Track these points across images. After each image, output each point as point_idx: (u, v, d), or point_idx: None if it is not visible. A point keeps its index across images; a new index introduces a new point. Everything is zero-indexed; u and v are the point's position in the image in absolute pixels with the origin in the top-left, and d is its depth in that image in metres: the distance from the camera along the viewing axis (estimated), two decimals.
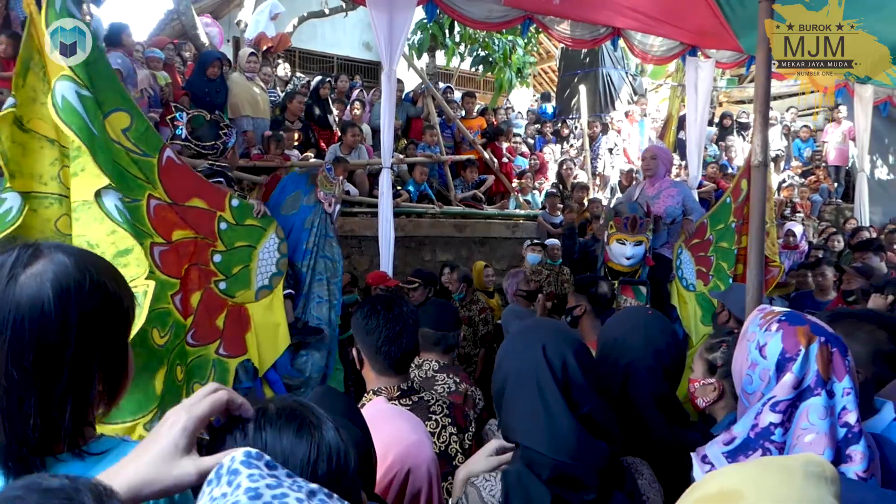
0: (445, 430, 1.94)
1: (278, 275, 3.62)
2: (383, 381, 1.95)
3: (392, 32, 4.96)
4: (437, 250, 7.30)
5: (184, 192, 3.15)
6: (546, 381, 1.37)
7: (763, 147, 2.88)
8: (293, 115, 7.53)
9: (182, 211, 3.15)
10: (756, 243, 2.87)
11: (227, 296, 3.39)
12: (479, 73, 13.24)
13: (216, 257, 3.35)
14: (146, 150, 2.94)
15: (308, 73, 11.68)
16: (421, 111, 8.81)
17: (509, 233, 7.85)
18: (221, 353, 3.30)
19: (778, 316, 1.47)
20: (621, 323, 1.87)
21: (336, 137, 7.89)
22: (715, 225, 4.75)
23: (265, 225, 3.62)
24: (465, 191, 8.25)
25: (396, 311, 1.93)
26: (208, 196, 3.30)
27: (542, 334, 1.45)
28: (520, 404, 1.39)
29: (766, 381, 1.41)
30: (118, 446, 1.02)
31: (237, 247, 3.47)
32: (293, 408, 0.90)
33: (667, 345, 1.76)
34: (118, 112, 2.79)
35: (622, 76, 12.15)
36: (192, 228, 3.20)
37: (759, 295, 2.82)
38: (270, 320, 3.51)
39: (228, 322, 3.36)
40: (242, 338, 3.41)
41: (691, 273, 4.68)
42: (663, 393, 1.73)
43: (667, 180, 5.03)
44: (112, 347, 1.03)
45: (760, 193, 2.91)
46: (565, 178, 9.09)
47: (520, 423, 1.38)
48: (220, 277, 3.35)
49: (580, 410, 1.36)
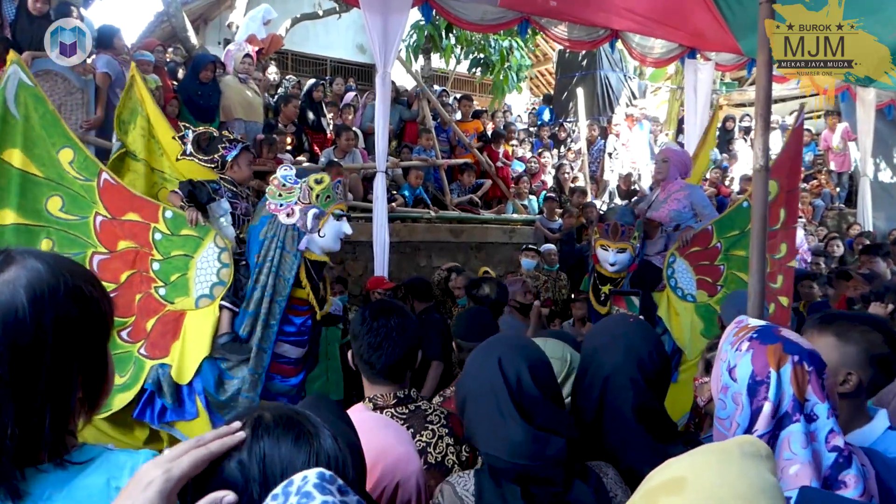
0: (442, 441, 1.93)
1: (220, 285, 3.64)
2: (377, 389, 1.96)
3: (386, 34, 4.97)
4: (433, 256, 7.30)
5: (121, 208, 3.61)
6: (501, 393, 1.47)
7: (764, 151, 2.89)
8: (287, 118, 7.54)
9: (120, 224, 3.60)
10: (758, 250, 2.88)
11: (166, 301, 3.62)
12: (476, 75, 13.27)
13: (154, 265, 3.65)
14: (87, 176, 3.56)
15: (301, 75, 11.69)
16: (416, 114, 8.83)
17: (506, 238, 7.85)
18: (142, 352, 3.53)
19: (750, 332, 1.41)
20: (601, 333, 1.84)
21: (330, 141, 7.90)
22: (725, 232, 4.55)
23: (202, 234, 3.68)
24: (461, 195, 8.25)
25: (381, 322, 1.95)
26: (142, 210, 3.67)
27: (498, 348, 1.55)
28: (479, 414, 1.49)
29: (739, 407, 1.36)
30: (101, 455, 1.01)
31: (174, 256, 3.66)
32: (290, 416, 0.90)
33: (649, 353, 1.72)
34: (64, 149, 3.51)
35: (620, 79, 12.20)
36: (131, 239, 3.62)
37: (761, 303, 2.82)
38: (201, 330, 3.59)
39: (158, 325, 3.59)
40: (168, 343, 3.56)
41: (689, 283, 4.51)
42: (646, 404, 1.68)
43: (676, 183, 4.85)
44: (91, 353, 1.02)
45: (762, 199, 2.91)
46: (563, 182, 9.11)
47: (480, 432, 1.49)
48: (159, 284, 3.64)
49: (535, 421, 1.45)
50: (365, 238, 5.94)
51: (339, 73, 13.86)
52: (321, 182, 3.67)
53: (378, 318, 1.96)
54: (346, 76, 12.78)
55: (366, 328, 1.96)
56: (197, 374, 3.52)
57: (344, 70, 14.72)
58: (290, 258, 3.63)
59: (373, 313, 1.98)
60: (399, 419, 1.92)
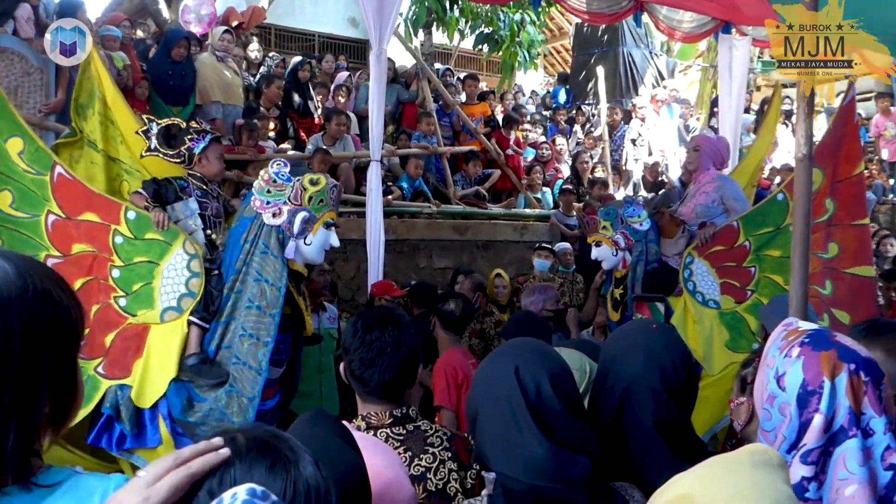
0: (444, 466, 1.93)
1: (189, 296, 3.59)
2: (370, 407, 1.96)
3: (382, 6, 4.97)
4: (434, 256, 7.30)
5: (77, 207, 3.57)
6: (518, 405, 1.46)
7: (808, 138, 2.88)
8: (270, 101, 7.55)
9: (76, 225, 3.56)
10: (801, 247, 2.87)
11: (127, 313, 3.58)
12: (483, 52, 13.26)
13: (114, 272, 3.61)
14: (39, 170, 3.51)
15: (286, 53, 11.70)
16: (415, 96, 8.83)
17: (517, 236, 7.85)
18: (99, 371, 3.48)
19: (801, 337, 1.41)
20: (619, 340, 1.84)
21: (318, 126, 7.90)
22: (755, 228, 4.46)
23: (169, 239, 3.64)
24: (466, 187, 8.26)
25: (376, 334, 1.94)
26: (102, 209, 3.62)
27: (516, 355, 1.54)
28: (493, 429, 1.49)
29: (787, 418, 1.36)
30: (69, 478, 1.01)
31: (137, 262, 3.63)
32: (265, 439, 0.90)
33: (672, 363, 1.71)
34: (13, 138, 3.46)
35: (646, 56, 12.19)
36: (88, 242, 3.57)
37: (804, 309, 2.81)
38: (168, 348, 3.53)
39: (118, 341, 3.53)
40: (129, 362, 3.50)
41: (710, 287, 4.44)
42: (669, 419, 1.68)
43: (708, 174, 4.82)
44: (60, 363, 1.03)
45: (805, 191, 2.90)
46: (581, 172, 9.11)
47: (494, 450, 1.47)
48: (119, 293, 3.60)
49: (555, 436, 1.44)
50: (357, 236, 5.94)
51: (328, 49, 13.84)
52: (316, 184, 3.60)
53: (372, 331, 1.95)
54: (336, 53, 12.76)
55: (358, 341, 1.95)
56: (162, 396, 3.48)
57: (334, 47, 14.72)
58: (277, 265, 3.55)
59: (366, 325, 1.97)
60: (395, 441, 1.92)
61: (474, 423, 1.54)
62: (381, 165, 5.61)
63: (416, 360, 2.01)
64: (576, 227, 7.64)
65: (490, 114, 9.29)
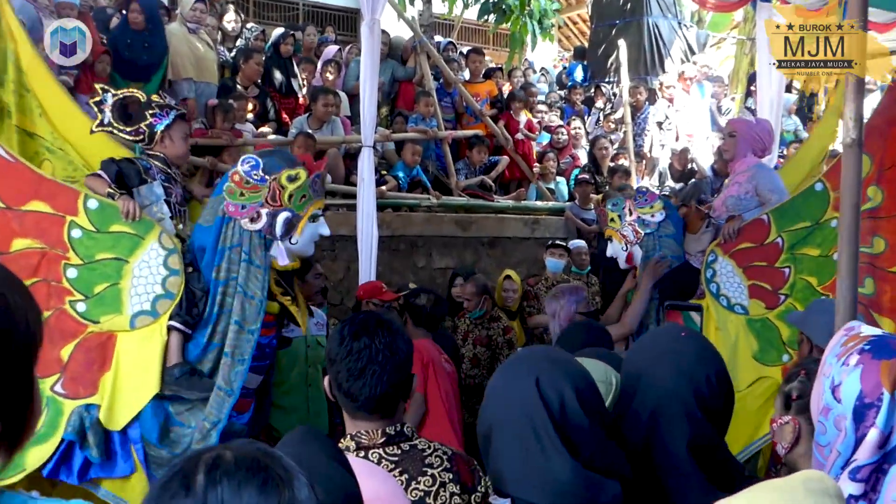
0: (445, 489, 1.93)
1: (166, 298, 3.53)
2: (361, 425, 1.96)
3: None
4: (434, 254, 7.31)
5: (20, 194, 3.37)
6: (542, 421, 1.46)
7: (857, 120, 2.88)
8: (248, 79, 7.55)
9: (19, 217, 3.36)
10: (849, 246, 2.86)
11: (87, 320, 3.46)
12: (490, 24, 13.25)
13: (70, 272, 3.46)
14: None
15: (266, 23, 11.71)
16: (413, 73, 8.83)
17: (528, 231, 7.86)
18: (58, 390, 3.36)
19: (861, 343, 1.43)
20: (644, 351, 1.85)
21: (303, 107, 7.90)
22: (788, 224, 4.37)
23: (142, 232, 3.56)
24: (469, 177, 8.26)
25: (365, 342, 1.94)
26: (53, 197, 3.44)
27: (536, 365, 1.54)
28: (511, 449, 1.48)
29: (842, 433, 1.38)
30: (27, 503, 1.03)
31: (99, 260, 3.52)
32: (256, 457, 0.91)
33: (706, 377, 1.72)
34: None
35: (674, 27, 12.16)
36: (35, 237, 3.40)
37: (853, 314, 2.81)
38: (144, 359, 3.45)
39: (78, 354, 3.42)
40: (95, 376, 3.42)
41: (736, 289, 4.39)
42: (704, 440, 1.69)
43: (744, 161, 4.80)
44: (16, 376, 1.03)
45: (854, 181, 2.89)
46: (600, 160, 9.11)
47: (511, 472, 1.47)
48: (76, 297, 3.46)
49: (582, 455, 1.44)
50: (347, 231, 5.95)
51: (314, 20, 13.86)
52: (295, 180, 3.58)
53: (360, 337, 1.95)
54: (323, 24, 12.78)
55: (345, 350, 1.94)
56: (134, 418, 3.44)
57: (320, 16, 14.73)
58: (259, 274, 3.57)
59: (353, 331, 1.97)
60: (389, 462, 1.92)
61: (487, 441, 1.54)
62: (373, 152, 5.61)
63: (410, 369, 2.01)
64: (593, 221, 7.65)
65: (497, 93, 9.29)
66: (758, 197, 4.69)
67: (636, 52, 11.50)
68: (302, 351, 4.59)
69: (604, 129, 9.99)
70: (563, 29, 18.40)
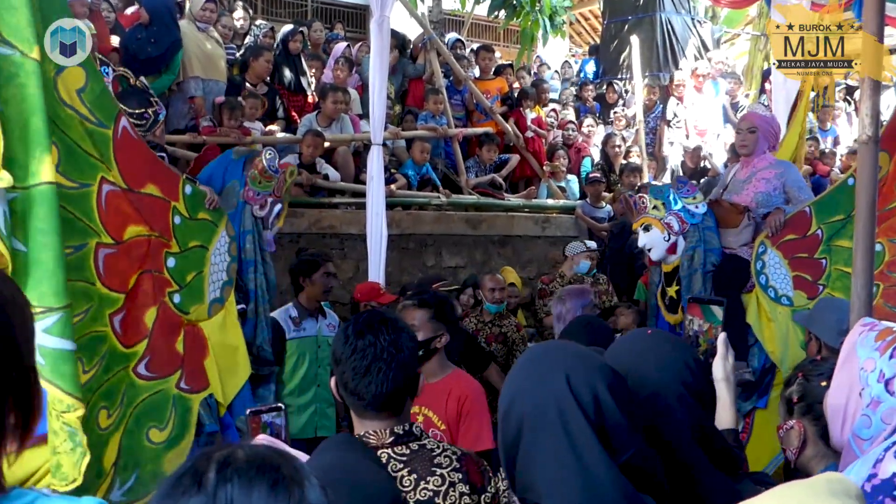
0: (454, 489, 1.93)
1: (229, 284, 3.65)
2: (368, 424, 1.96)
3: None
4: (444, 253, 7.31)
5: (139, 175, 3.16)
6: (576, 422, 1.38)
7: (873, 117, 2.87)
8: (257, 76, 7.56)
9: (137, 200, 3.15)
10: (864, 241, 2.85)
11: (181, 312, 3.39)
12: (500, 20, 13.25)
13: (170, 261, 3.34)
14: (102, 119, 2.92)
15: (275, 20, 11.73)
16: (422, 70, 8.83)
17: (539, 230, 7.85)
18: (183, 387, 3.32)
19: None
20: (621, 353, 1.84)
21: (312, 105, 7.91)
22: (827, 216, 4.47)
23: (216, 220, 3.64)
24: (480, 175, 8.26)
25: (369, 340, 1.94)
26: (162, 180, 3.30)
27: (564, 361, 1.47)
28: (542, 454, 1.39)
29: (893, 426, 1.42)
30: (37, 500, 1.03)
31: (191, 248, 3.48)
32: (268, 456, 0.91)
33: (685, 363, 1.76)
34: (70, 69, 2.78)
35: (687, 24, 12.11)
36: (147, 223, 3.21)
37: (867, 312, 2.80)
38: (227, 342, 3.54)
39: (188, 347, 3.38)
40: (203, 367, 3.44)
41: (783, 281, 4.48)
42: (704, 425, 1.71)
43: (765, 158, 4.82)
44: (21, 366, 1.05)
45: (870, 177, 2.89)
46: (613, 158, 9.09)
47: (544, 479, 1.38)
48: (174, 288, 3.36)
49: (620, 457, 1.38)
50: (356, 230, 5.97)
51: (322, 16, 13.87)
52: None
53: (364, 336, 1.95)
54: (332, 21, 12.80)
55: (350, 348, 1.94)
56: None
57: (330, 13, 14.75)
58: (267, 258, 3.91)
59: (357, 329, 1.97)
60: (397, 462, 1.92)
61: (513, 450, 1.45)
62: (383, 150, 5.62)
63: (416, 366, 2.01)
64: (605, 220, 7.63)
65: (507, 90, 9.29)
66: (785, 194, 4.75)
67: (649, 49, 11.46)
68: (312, 351, 4.61)
69: (616, 127, 9.97)
70: (574, 25, 18.36)
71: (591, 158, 9.40)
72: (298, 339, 4.53)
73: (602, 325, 3.19)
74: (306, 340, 4.58)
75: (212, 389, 3.43)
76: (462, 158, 8.19)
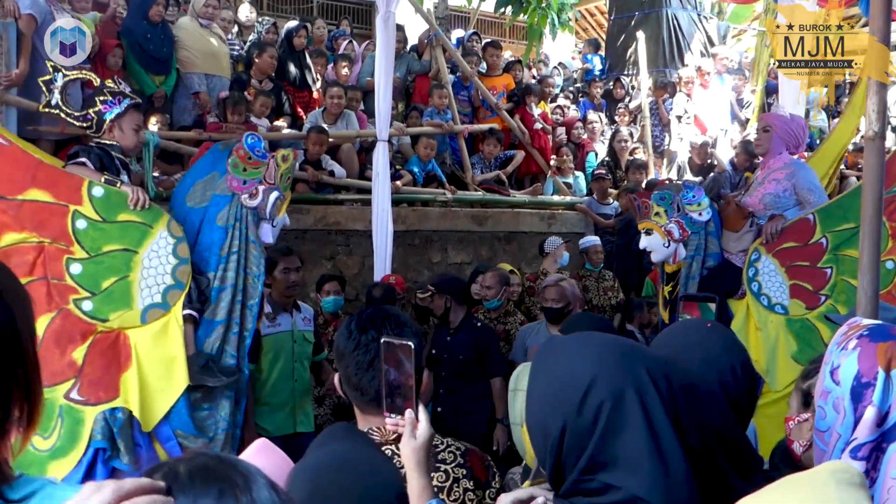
0: (459, 485, 1.94)
1: (177, 288, 3.48)
2: (372, 420, 1.95)
3: None
4: (450, 249, 7.32)
5: (16, 182, 3.16)
6: (654, 406, 1.40)
7: (880, 113, 2.87)
8: (262, 72, 7.57)
9: (15, 207, 3.15)
10: (870, 240, 2.85)
11: (95, 319, 3.32)
12: (507, 16, 13.23)
13: (74, 267, 3.30)
14: None
15: (279, 16, 11.74)
16: (428, 66, 8.83)
17: (544, 226, 7.85)
18: (74, 397, 3.22)
19: (861, 330, 1.47)
20: (671, 339, 1.85)
21: (317, 101, 7.92)
22: (834, 224, 4.36)
23: (150, 220, 3.50)
24: (485, 171, 8.26)
25: (373, 335, 1.93)
26: (56, 185, 3.26)
27: (638, 351, 1.50)
28: (624, 440, 1.40)
29: (841, 415, 1.42)
30: (44, 488, 1.04)
31: (106, 252, 3.39)
32: (210, 466, 0.90)
33: (731, 367, 1.74)
34: None
35: (693, 19, 12.09)
36: (33, 230, 3.19)
37: (874, 310, 2.80)
38: (163, 353, 3.38)
39: (92, 356, 3.28)
40: (114, 377, 3.30)
41: (777, 289, 4.41)
42: (728, 427, 1.69)
43: (780, 158, 4.75)
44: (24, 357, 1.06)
45: (876, 175, 2.88)
46: (619, 154, 9.08)
47: (624, 459, 1.39)
48: (82, 295, 3.30)
49: (686, 442, 1.41)
50: (362, 226, 5.98)
51: (327, 12, 13.88)
52: (287, 160, 3.79)
53: (367, 330, 1.95)
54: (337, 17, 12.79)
55: (353, 343, 1.94)
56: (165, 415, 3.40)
57: (335, 9, 14.74)
58: (255, 251, 3.72)
59: (360, 325, 1.96)
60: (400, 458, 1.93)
61: (591, 429, 1.43)
62: (388, 146, 5.63)
63: (420, 360, 2.02)
64: (611, 216, 7.62)
65: (513, 87, 9.27)
66: (796, 195, 4.68)
67: (655, 45, 11.45)
68: (288, 346, 4.52)
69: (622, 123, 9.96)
70: (580, 21, 18.31)
71: (596, 154, 9.41)
72: (274, 335, 4.43)
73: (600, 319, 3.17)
74: (282, 336, 4.49)
75: (122, 402, 3.27)
76: (468, 154, 8.18)
